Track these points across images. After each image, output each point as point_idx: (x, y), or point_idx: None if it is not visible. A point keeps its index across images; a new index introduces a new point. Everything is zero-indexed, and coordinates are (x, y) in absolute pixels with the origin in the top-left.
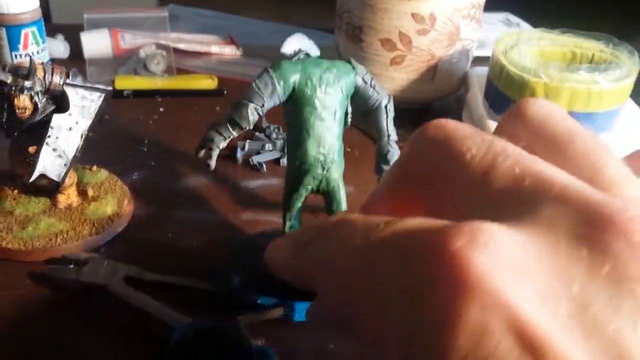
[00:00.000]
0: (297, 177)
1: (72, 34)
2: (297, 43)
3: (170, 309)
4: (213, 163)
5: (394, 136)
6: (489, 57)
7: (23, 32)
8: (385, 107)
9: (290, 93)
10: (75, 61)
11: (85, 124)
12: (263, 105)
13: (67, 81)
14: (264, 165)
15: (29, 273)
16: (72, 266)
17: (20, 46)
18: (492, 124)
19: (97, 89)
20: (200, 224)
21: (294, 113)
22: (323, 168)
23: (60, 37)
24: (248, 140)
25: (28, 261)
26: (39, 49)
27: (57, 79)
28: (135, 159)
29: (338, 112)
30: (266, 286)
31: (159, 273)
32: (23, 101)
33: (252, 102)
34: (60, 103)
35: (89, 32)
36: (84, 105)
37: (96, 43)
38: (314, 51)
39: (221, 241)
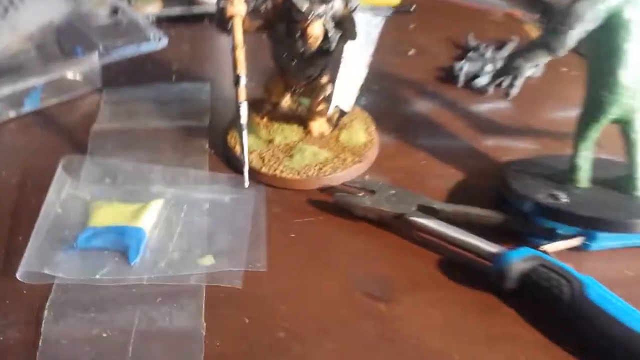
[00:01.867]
0: (601, 105)
1: None
2: None
3: (480, 238)
4: (515, 91)
5: None
6: None
7: None
8: None
9: (608, 16)
10: None
11: (368, 51)
12: (584, 31)
13: (352, 5)
14: (490, 89)
15: (309, 200)
16: (361, 194)
17: None
18: None
19: (380, 12)
20: (448, 151)
21: (604, 37)
22: (631, 97)
23: None
24: (466, 62)
25: (302, 189)
26: None
27: (343, 4)
28: None
29: None
30: (560, 214)
31: (441, 202)
32: (315, 28)
33: (574, 29)
34: (346, 30)
35: None
36: (368, 31)
37: None
38: None
39: (479, 167)
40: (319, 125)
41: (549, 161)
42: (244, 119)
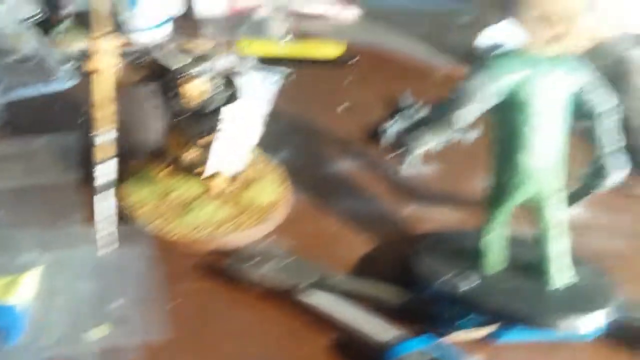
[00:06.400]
0: (505, 191)
1: None
2: (494, 36)
3: (376, 321)
4: (407, 168)
5: (610, 149)
6: None
7: None
8: (604, 114)
9: (503, 96)
10: (187, 21)
11: (264, 109)
12: (476, 110)
13: (245, 63)
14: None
15: (198, 264)
16: (256, 261)
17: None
18: None
19: (277, 70)
20: (363, 216)
21: (503, 119)
22: (536, 183)
23: None
24: (395, 122)
25: (187, 252)
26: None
27: (234, 61)
28: (277, 135)
29: (558, 118)
30: (466, 301)
31: (342, 276)
32: (191, 88)
33: (465, 106)
34: (234, 88)
35: None
36: (262, 88)
37: (210, 0)
38: (513, 42)
39: (392, 237)
40: (219, 182)
41: (465, 237)
42: (100, 180)
